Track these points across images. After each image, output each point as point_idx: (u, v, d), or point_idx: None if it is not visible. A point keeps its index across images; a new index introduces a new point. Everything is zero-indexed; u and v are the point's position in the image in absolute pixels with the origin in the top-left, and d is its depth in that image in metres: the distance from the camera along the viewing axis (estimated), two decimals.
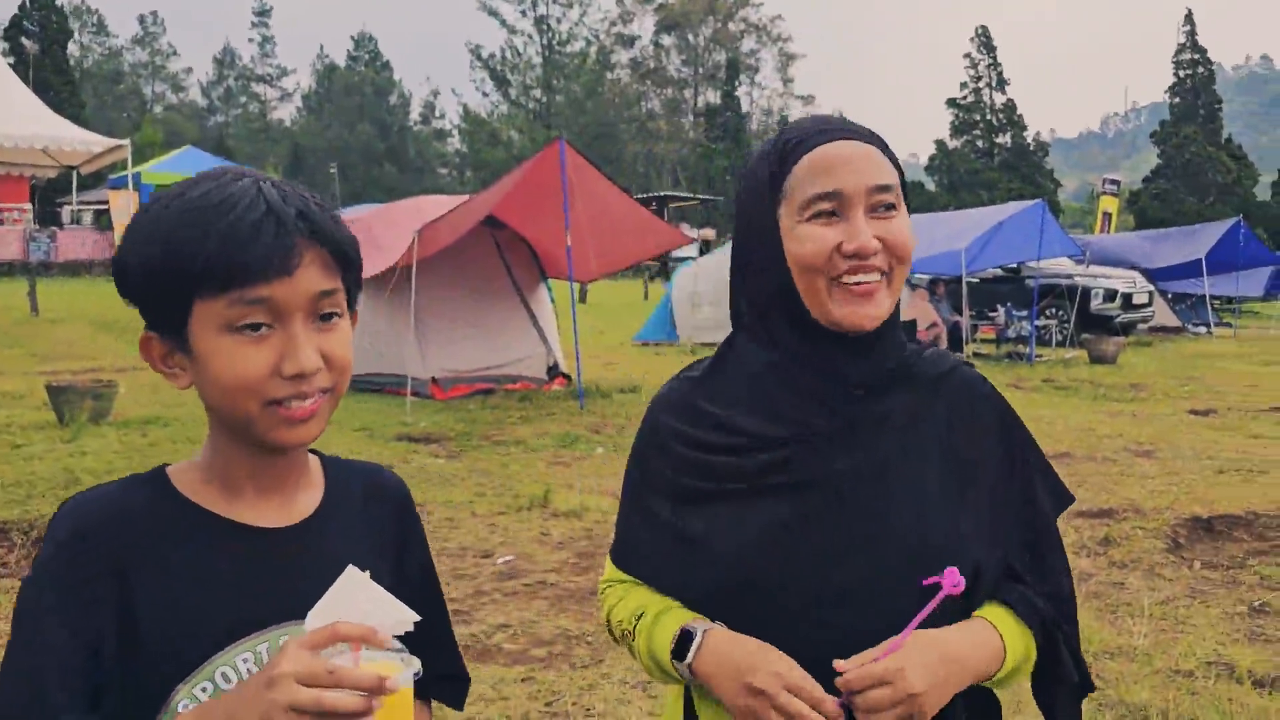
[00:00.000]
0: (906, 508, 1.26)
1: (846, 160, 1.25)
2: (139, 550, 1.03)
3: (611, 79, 77.38)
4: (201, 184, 1.03)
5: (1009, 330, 16.38)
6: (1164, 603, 4.70)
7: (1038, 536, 1.36)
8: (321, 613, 0.92)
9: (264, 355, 1.01)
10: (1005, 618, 1.29)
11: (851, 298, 1.24)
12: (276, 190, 1.03)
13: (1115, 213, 32.39)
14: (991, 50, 59.50)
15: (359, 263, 1.11)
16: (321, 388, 1.05)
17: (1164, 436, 8.76)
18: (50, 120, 23.43)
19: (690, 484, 1.31)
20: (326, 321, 1.05)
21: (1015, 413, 1.41)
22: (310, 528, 1.13)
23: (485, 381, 11.00)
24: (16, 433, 7.88)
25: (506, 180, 9.49)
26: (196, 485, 1.10)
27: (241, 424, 1.04)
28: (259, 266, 0.98)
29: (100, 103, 73.53)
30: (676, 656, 1.25)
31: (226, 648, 1.03)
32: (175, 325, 1.02)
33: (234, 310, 0.99)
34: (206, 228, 0.99)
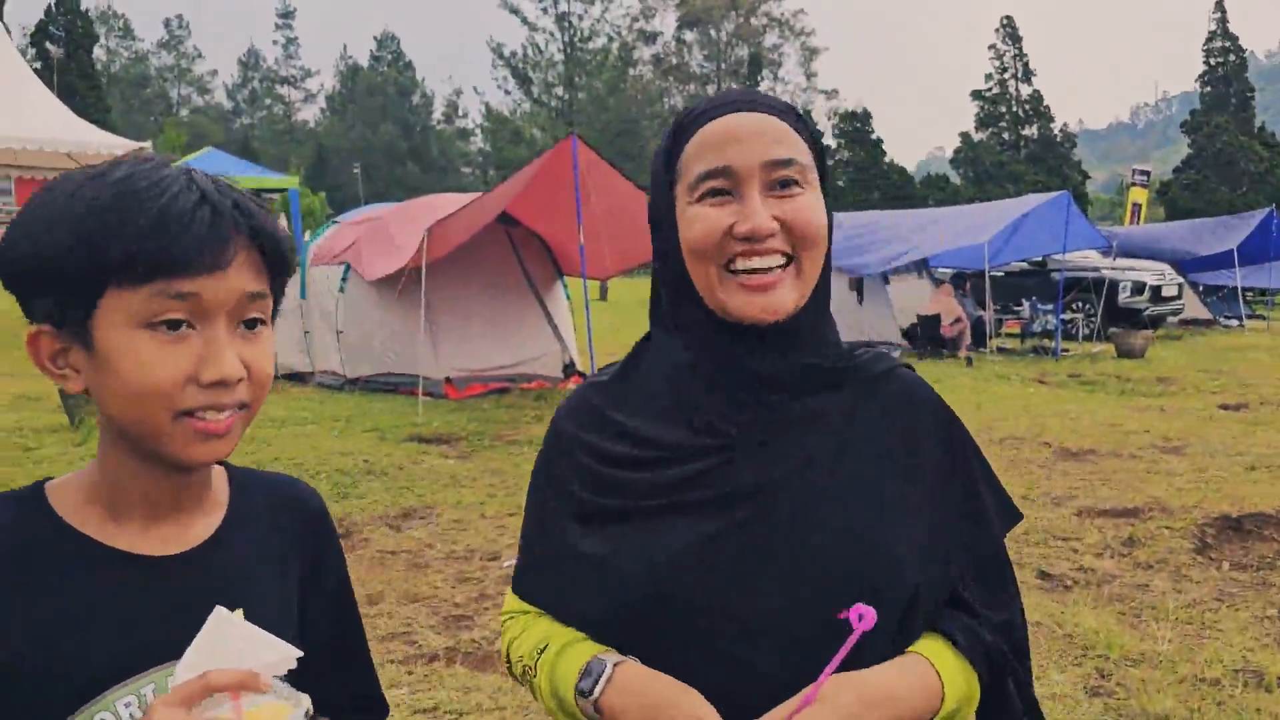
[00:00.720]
0: (835, 524, 1.12)
1: (739, 134, 1.12)
2: (7, 578, 0.92)
3: (634, 75, 77.24)
4: (122, 167, 0.92)
5: (1034, 324, 16.15)
6: (1190, 606, 4.53)
7: (984, 558, 1.21)
8: (192, 662, 0.83)
9: (181, 358, 0.90)
10: (944, 652, 1.14)
11: (748, 290, 1.11)
12: (210, 180, 0.94)
13: (1145, 204, 31.94)
14: (1017, 41, 58.85)
15: (290, 269, 1.00)
16: (239, 401, 0.94)
17: (1193, 432, 8.54)
18: (73, 125, 23.66)
19: (596, 501, 1.18)
20: (251, 329, 0.95)
21: (959, 420, 1.27)
22: (205, 554, 1.02)
23: (500, 380, 10.93)
24: (29, 435, 7.88)
25: (519, 177, 9.40)
26: (78, 505, 0.98)
27: (145, 435, 0.93)
28: (190, 258, 0.88)
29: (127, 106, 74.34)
30: (582, 693, 1.10)
31: (106, 691, 0.92)
32: (77, 318, 0.90)
33: (153, 304, 0.88)
34: (132, 211, 0.88)
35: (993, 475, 1.27)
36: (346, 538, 5.63)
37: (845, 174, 57.58)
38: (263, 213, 0.96)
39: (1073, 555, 5.27)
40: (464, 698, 3.65)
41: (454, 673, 3.87)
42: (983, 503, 1.22)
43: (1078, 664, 3.90)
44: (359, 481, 6.77)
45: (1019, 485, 6.66)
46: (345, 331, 10.86)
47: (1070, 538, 5.55)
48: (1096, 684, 3.73)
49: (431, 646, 4.13)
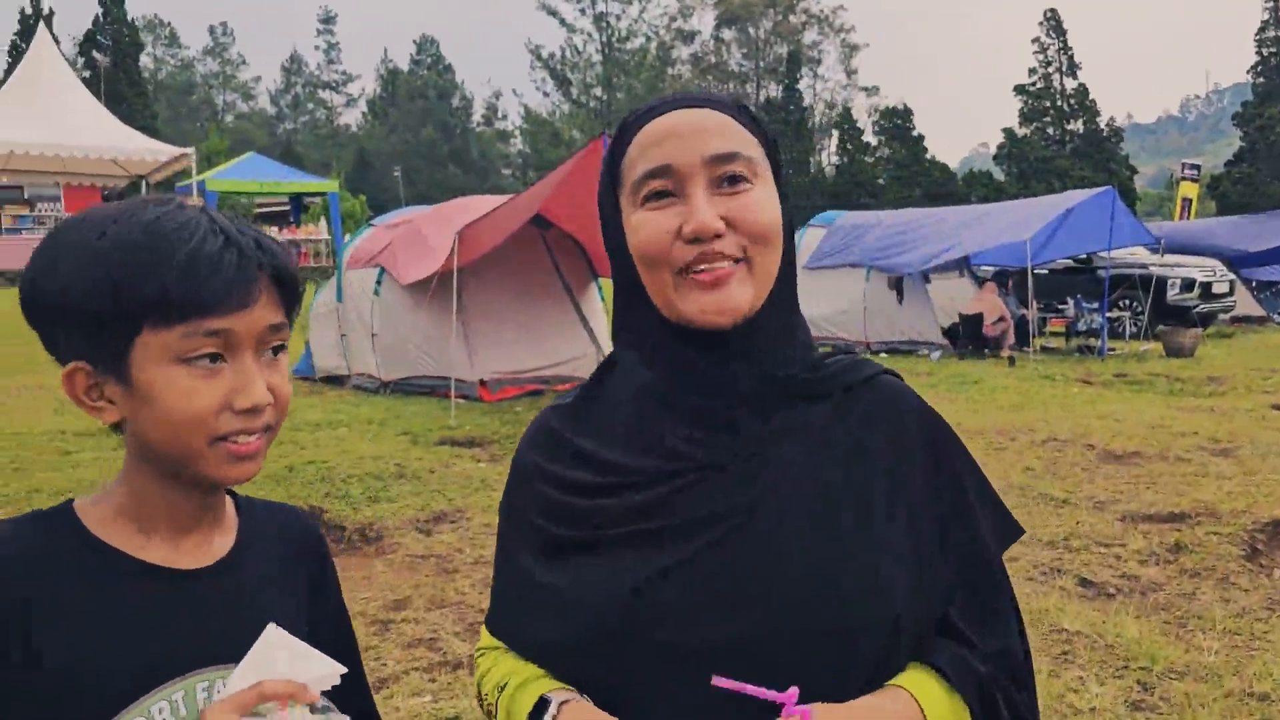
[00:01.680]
0: (808, 550, 1.05)
1: (679, 131, 1.07)
2: (43, 593, 0.96)
3: (672, 75, 77.19)
4: (143, 210, 0.98)
5: (1079, 323, 15.82)
6: (1239, 615, 4.36)
7: (980, 577, 1.13)
8: (245, 672, 0.91)
9: (216, 389, 0.98)
10: (930, 684, 1.06)
11: (698, 288, 1.05)
12: (229, 221, 1.01)
13: (1196, 199, 31.24)
14: (1061, 34, 57.90)
15: (300, 300, 1.08)
16: (266, 424, 1.02)
17: (1244, 433, 8.28)
18: (120, 131, 24.09)
19: (556, 531, 1.12)
20: (273, 356, 1.04)
21: (951, 430, 1.18)
22: (225, 568, 1.08)
23: (534, 383, 10.91)
24: (69, 440, 7.98)
25: (550, 179, 9.37)
26: (107, 521, 1.03)
27: (183, 460, 1.00)
28: (221, 298, 0.96)
29: (174, 113, 75.66)
30: None
31: (140, 697, 0.97)
32: (113, 355, 0.97)
33: (188, 342, 0.96)
34: (164, 254, 0.94)
35: (989, 489, 1.18)
36: (378, 541, 5.62)
37: (886, 171, 57.09)
38: (279, 249, 1.03)
39: (1116, 562, 5.11)
40: None
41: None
42: (975, 520, 1.14)
43: (1119, 676, 3.76)
44: (390, 485, 6.76)
45: (1060, 488, 6.49)
46: (380, 334, 10.90)
47: (1113, 544, 5.39)
48: (1138, 698, 3.60)
49: (456, 654, 4.09)
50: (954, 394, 10.74)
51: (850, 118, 61.29)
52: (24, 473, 6.73)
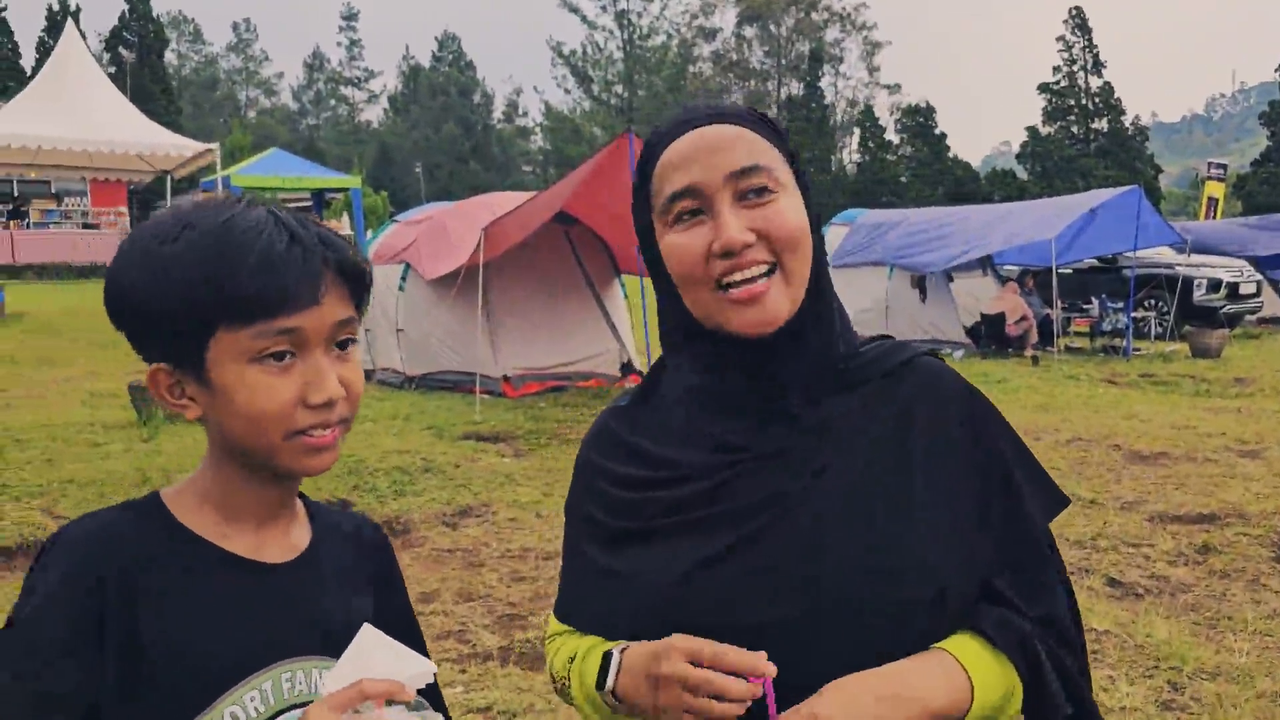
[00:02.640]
0: (853, 532, 1.08)
1: (699, 150, 1.11)
2: (141, 584, 0.99)
3: (693, 72, 77.06)
4: (212, 211, 1.01)
5: (1104, 323, 15.70)
6: (1269, 617, 4.34)
7: (1024, 550, 1.15)
8: (343, 670, 0.92)
9: (289, 385, 1.00)
10: (974, 647, 1.09)
11: (736, 305, 1.09)
12: (294, 219, 1.02)
13: (1222, 198, 30.92)
14: (1086, 32, 57.43)
15: (369, 293, 1.11)
16: (341, 416, 1.04)
17: (1272, 434, 8.22)
18: (145, 127, 24.29)
19: (616, 524, 1.18)
20: (343, 349, 1.05)
21: (993, 406, 1.21)
22: (304, 563, 1.11)
23: (557, 379, 10.94)
24: (99, 432, 8.07)
25: (574, 175, 9.39)
26: (194, 511, 1.06)
27: (262, 454, 1.02)
28: (289, 297, 0.98)
29: (197, 109, 76.18)
30: (600, 686, 1.11)
31: (233, 687, 1.00)
32: (192, 356, 1.00)
33: (260, 341, 0.98)
34: (235, 258, 0.97)
35: (1032, 460, 1.20)
36: (405, 534, 5.67)
37: (908, 170, 56.81)
38: (344, 244, 1.05)
39: (1144, 562, 5.09)
40: (518, 698, 3.63)
41: (508, 673, 3.86)
42: (1019, 494, 1.16)
43: (1149, 676, 3.75)
44: (416, 479, 6.81)
45: (1087, 489, 6.47)
46: (405, 330, 10.96)
47: (1142, 544, 5.37)
48: (1169, 698, 3.59)
49: (486, 646, 4.12)
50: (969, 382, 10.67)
51: (872, 115, 60.99)
52: (55, 464, 6.82)
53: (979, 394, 1.21)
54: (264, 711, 1.01)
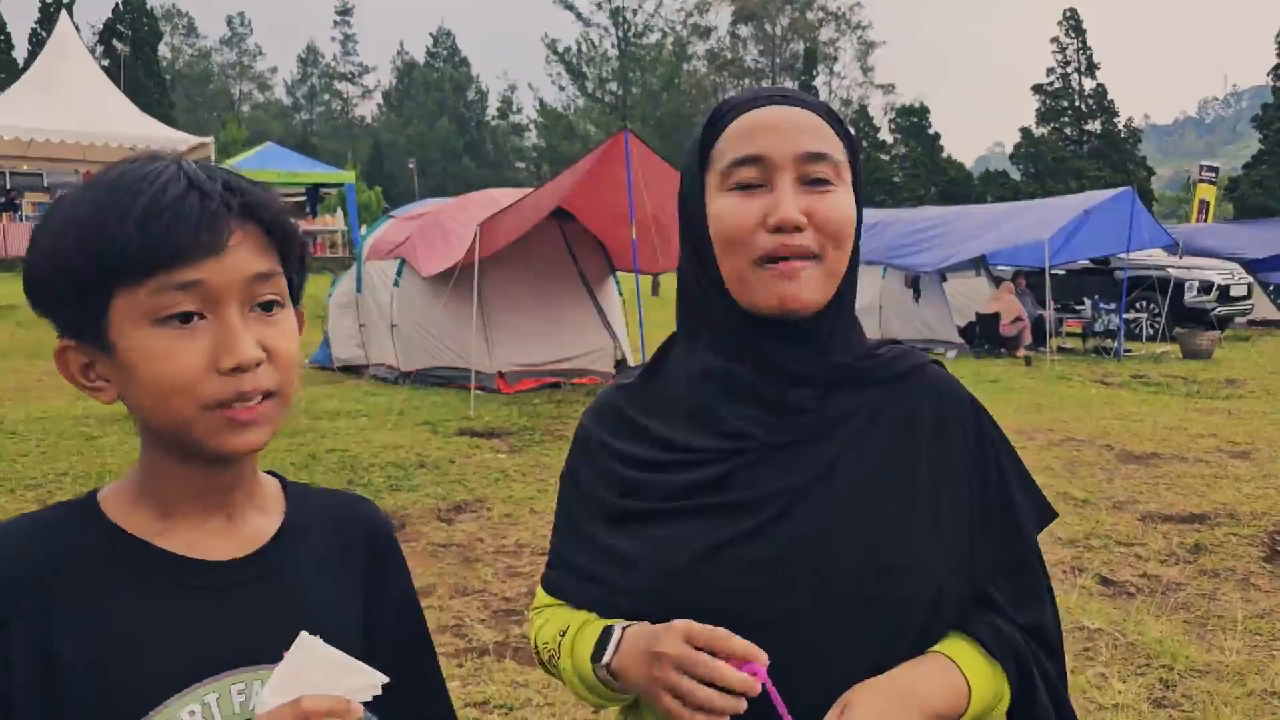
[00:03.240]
0: (857, 530, 1.11)
1: (775, 125, 1.12)
2: (62, 590, 0.89)
3: (688, 71, 76.98)
4: (116, 168, 0.92)
5: (1096, 324, 15.78)
6: (1259, 616, 4.38)
7: (1017, 558, 1.19)
8: (279, 687, 0.82)
9: (196, 349, 0.88)
10: (969, 652, 1.13)
11: (774, 278, 1.10)
12: (199, 167, 0.92)
13: (1213, 201, 31.05)
14: (1080, 34, 57.55)
15: (299, 245, 0.97)
16: (265, 389, 0.91)
17: (1261, 436, 8.28)
18: (139, 120, 24.23)
19: (621, 503, 1.18)
20: (267, 311, 0.93)
21: (991, 417, 1.24)
22: (264, 559, 1.00)
23: (551, 376, 10.95)
24: (93, 425, 8.05)
25: (571, 173, 9.40)
26: (129, 508, 0.96)
27: (177, 431, 0.91)
28: (183, 246, 0.87)
29: (191, 103, 75.89)
30: (595, 660, 1.11)
31: (169, 699, 0.90)
32: (92, 325, 0.89)
33: (158, 299, 0.87)
34: (123, 208, 0.87)
35: (1025, 473, 1.24)
36: (399, 530, 5.67)
37: (902, 169, 56.88)
38: (257, 189, 0.94)
39: (1136, 561, 5.13)
40: (514, 692, 3.65)
41: (504, 667, 3.87)
42: (1014, 502, 1.20)
43: (1140, 674, 3.79)
44: (411, 474, 6.82)
45: (1079, 489, 6.50)
46: (400, 325, 10.96)
47: (1133, 543, 5.41)
48: (1160, 695, 3.62)
49: (482, 640, 4.14)
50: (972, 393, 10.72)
51: (866, 115, 61.09)
52: (50, 457, 6.81)
53: (981, 406, 1.25)
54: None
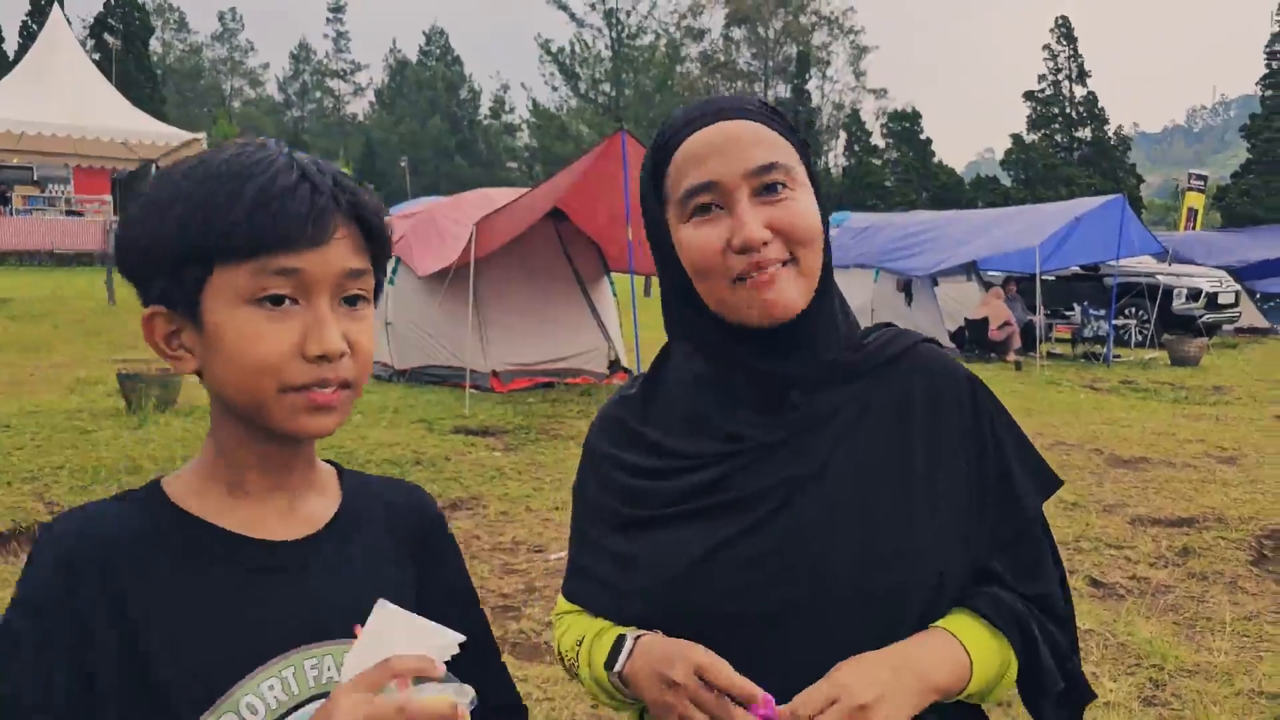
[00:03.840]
0: (851, 516, 1.13)
1: (718, 147, 1.13)
2: (137, 578, 0.92)
3: (681, 73, 77.10)
4: (225, 150, 0.95)
5: (1085, 330, 15.89)
6: (1247, 618, 4.44)
7: (1018, 531, 1.21)
8: (361, 652, 0.86)
9: (286, 333, 0.92)
10: (971, 625, 1.15)
11: (752, 291, 1.12)
12: (310, 161, 0.96)
13: (1201, 209, 31.27)
14: (1072, 41, 57.84)
15: (389, 248, 1.02)
16: (343, 378, 0.95)
17: (1248, 442, 8.37)
18: (130, 114, 24.15)
19: (625, 511, 1.22)
20: (352, 306, 0.96)
21: (990, 392, 1.25)
22: (324, 541, 1.03)
23: (545, 375, 10.97)
24: (86, 419, 8.05)
25: (568, 173, 9.44)
26: (196, 490, 1.00)
27: (254, 409, 0.94)
28: (291, 234, 0.90)
29: (181, 98, 75.58)
30: (609, 667, 1.15)
31: (248, 675, 0.93)
32: (188, 297, 0.93)
33: (258, 280, 0.91)
34: (235, 189, 0.90)
35: (1027, 444, 1.25)
36: None
37: (894, 174, 57.06)
38: (361, 190, 0.97)
39: (1126, 564, 5.19)
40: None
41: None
42: (1014, 477, 1.21)
43: (1131, 673, 3.84)
44: (407, 472, 6.84)
45: (1069, 492, 6.57)
46: (394, 323, 10.97)
47: (1123, 546, 5.47)
48: (1151, 694, 3.68)
49: None
50: None
51: (859, 120, 61.26)
52: (44, 450, 6.81)
53: (978, 379, 1.25)
54: (285, 701, 0.95)
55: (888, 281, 15.33)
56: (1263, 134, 48.86)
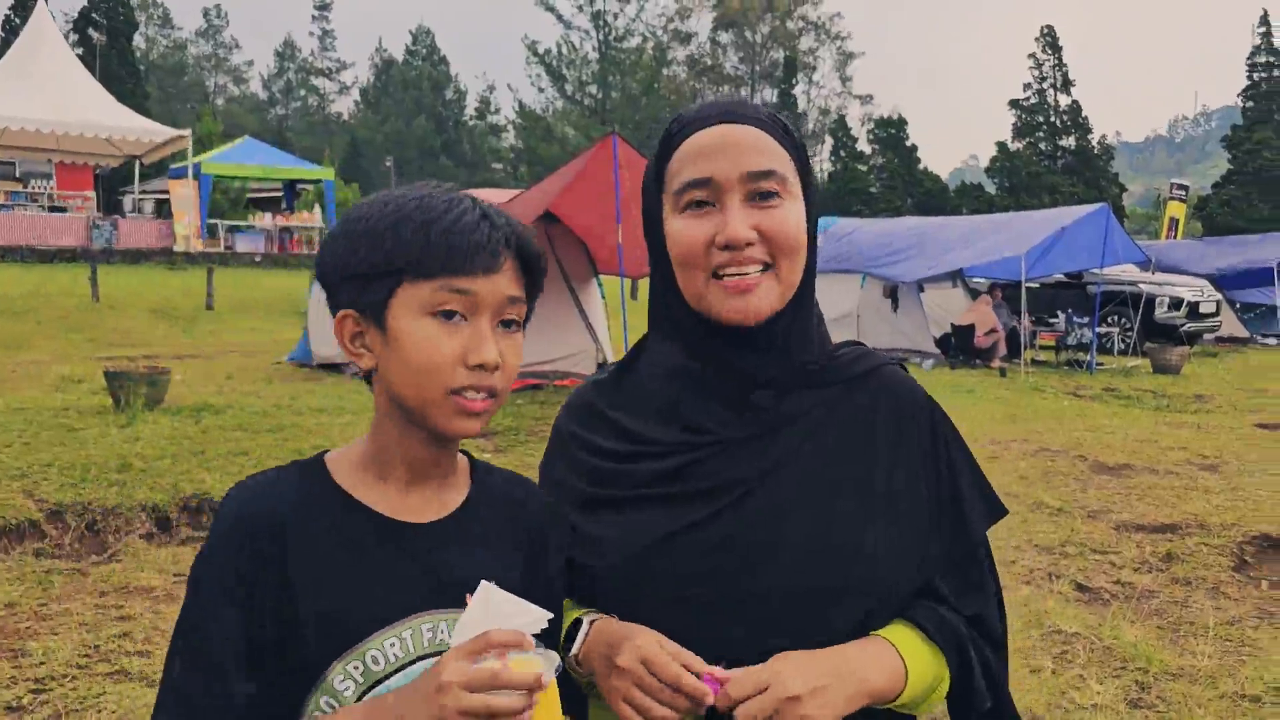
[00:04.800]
0: (807, 519, 1.18)
1: (721, 146, 1.18)
2: (292, 534, 1.10)
3: (668, 76, 77.20)
4: (417, 190, 1.15)
5: (1069, 337, 16.03)
6: (1230, 623, 4.51)
7: (963, 552, 1.26)
8: (467, 624, 1.01)
9: (455, 343, 1.09)
10: (910, 636, 1.20)
11: (727, 293, 1.17)
12: (489, 206, 1.15)
13: (1183, 219, 31.60)
14: (1057, 50, 58.28)
15: (541, 283, 1.19)
16: (493, 387, 1.12)
17: (1229, 450, 8.47)
18: (115, 110, 24.03)
19: (591, 491, 1.27)
20: (507, 328, 1.14)
21: (946, 416, 1.31)
22: (454, 524, 1.19)
23: (534, 377, 10.99)
24: (74, 417, 8.01)
25: (560, 175, 9.48)
26: (352, 471, 1.17)
27: (420, 406, 1.11)
28: (471, 260, 1.09)
29: (164, 95, 75.11)
30: (565, 648, 1.20)
31: (375, 633, 1.10)
32: (377, 303, 1.11)
33: (438, 295, 1.09)
34: (431, 220, 1.10)
35: (979, 472, 1.31)
36: None
37: (879, 180, 57.31)
38: (529, 235, 1.16)
39: (1111, 569, 5.26)
40: None
41: None
42: (965, 501, 1.26)
43: (1117, 676, 3.90)
44: None
45: (1054, 498, 6.65)
46: None
47: (1108, 551, 5.54)
48: (1137, 696, 3.74)
49: None
50: (947, 403, 10.72)
51: (845, 125, 61.51)
52: (33, 447, 6.77)
53: (937, 405, 1.31)
54: (402, 657, 1.10)
55: (874, 287, 15.41)
56: (1244, 145, 49.40)
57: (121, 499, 5.66)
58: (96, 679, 3.71)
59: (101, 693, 3.59)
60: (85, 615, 4.31)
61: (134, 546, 5.20)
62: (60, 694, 3.58)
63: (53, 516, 5.43)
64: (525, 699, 0.97)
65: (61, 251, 24.28)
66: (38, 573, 4.80)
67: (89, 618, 4.28)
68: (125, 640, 4.07)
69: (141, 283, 21.18)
